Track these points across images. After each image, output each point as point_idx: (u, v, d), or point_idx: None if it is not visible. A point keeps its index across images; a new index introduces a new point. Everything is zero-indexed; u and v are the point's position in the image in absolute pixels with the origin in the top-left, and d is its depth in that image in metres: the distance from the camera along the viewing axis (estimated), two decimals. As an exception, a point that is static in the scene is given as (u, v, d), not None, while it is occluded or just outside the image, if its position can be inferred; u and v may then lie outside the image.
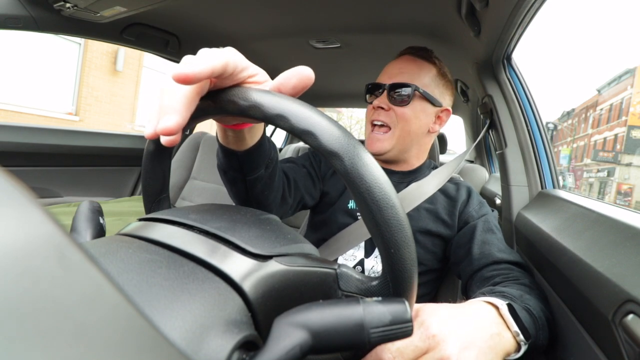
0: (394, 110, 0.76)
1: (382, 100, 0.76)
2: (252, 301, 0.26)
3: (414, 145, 0.80)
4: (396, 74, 0.77)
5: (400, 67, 0.78)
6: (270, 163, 0.55)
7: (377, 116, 0.77)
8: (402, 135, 0.77)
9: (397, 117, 0.76)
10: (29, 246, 0.11)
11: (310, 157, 0.85)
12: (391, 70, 0.79)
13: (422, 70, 0.77)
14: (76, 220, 0.35)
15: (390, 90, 0.76)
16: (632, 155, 22.95)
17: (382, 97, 0.77)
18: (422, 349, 0.35)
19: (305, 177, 0.78)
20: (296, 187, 0.73)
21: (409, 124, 0.76)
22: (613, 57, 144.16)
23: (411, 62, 0.78)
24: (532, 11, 0.69)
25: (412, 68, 0.77)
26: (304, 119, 0.28)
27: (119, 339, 0.12)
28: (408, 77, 0.76)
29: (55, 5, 1.05)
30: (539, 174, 0.82)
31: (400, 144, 0.77)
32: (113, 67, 6.61)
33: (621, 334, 0.34)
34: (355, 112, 19.25)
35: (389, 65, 0.82)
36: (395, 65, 0.79)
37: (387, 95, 0.76)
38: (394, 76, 0.77)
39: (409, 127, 0.76)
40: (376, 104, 0.77)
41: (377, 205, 0.27)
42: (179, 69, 0.26)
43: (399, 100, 0.75)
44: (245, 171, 0.52)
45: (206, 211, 0.33)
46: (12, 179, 0.13)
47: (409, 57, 0.80)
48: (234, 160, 0.50)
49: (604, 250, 0.42)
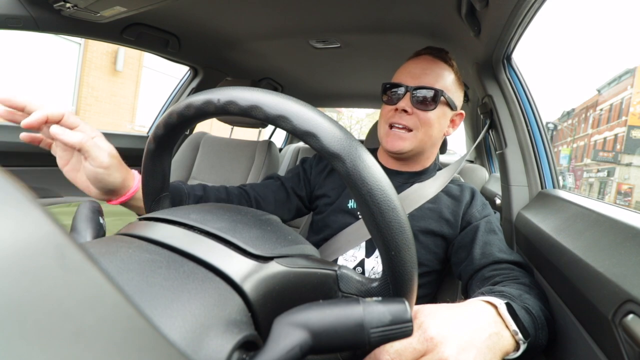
0: (417, 114, 0.73)
1: (406, 103, 0.73)
2: (253, 302, 0.26)
3: (431, 148, 0.79)
4: (419, 74, 0.74)
5: (423, 68, 0.75)
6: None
7: (398, 119, 0.74)
8: (424, 139, 0.75)
9: (420, 122, 0.73)
10: (29, 246, 0.11)
11: (300, 168, 0.87)
12: (413, 70, 0.75)
13: (444, 73, 0.75)
14: (76, 220, 0.35)
15: (414, 93, 0.72)
16: (632, 155, 22.94)
17: (406, 99, 0.73)
18: (420, 350, 0.35)
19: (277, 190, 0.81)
20: (261, 204, 0.77)
21: (432, 128, 0.74)
22: (613, 57, 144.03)
23: (432, 63, 0.75)
24: (532, 11, 0.69)
25: (435, 70, 0.74)
26: (306, 120, 0.28)
27: (119, 339, 0.12)
28: (432, 80, 0.73)
29: (55, 5, 1.05)
30: (539, 174, 0.82)
31: (419, 147, 0.76)
32: (113, 67, 6.61)
33: (621, 334, 0.34)
34: (355, 112, 19.25)
35: (409, 64, 0.78)
36: (417, 66, 0.76)
37: (410, 97, 0.73)
38: (418, 77, 0.73)
39: (431, 132, 0.75)
40: (401, 107, 0.73)
41: (379, 208, 0.27)
42: None
43: (424, 104, 0.72)
44: None
45: (207, 211, 0.33)
46: (12, 179, 0.13)
47: (429, 57, 0.77)
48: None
49: (604, 250, 0.42)
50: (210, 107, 0.32)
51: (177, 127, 0.36)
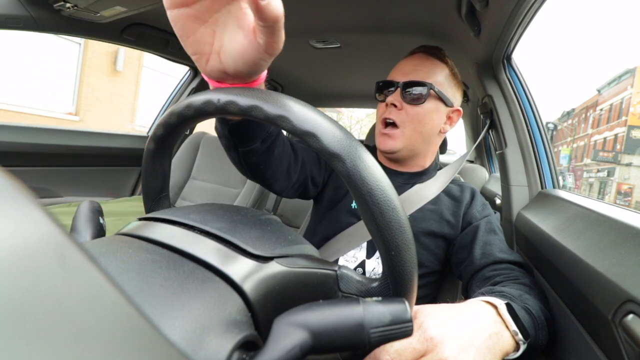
0: (406, 109, 0.73)
1: (396, 97, 0.73)
2: (253, 302, 0.26)
3: (425, 146, 0.79)
4: (410, 71, 0.74)
5: (415, 65, 0.75)
6: (268, 137, 0.54)
7: (388, 114, 0.74)
8: (413, 135, 0.75)
9: (409, 117, 0.73)
10: (29, 246, 0.11)
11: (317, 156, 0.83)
12: (405, 68, 0.76)
13: (437, 69, 0.75)
14: (76, 220, 0.35)
15: (404, 88, 0.73)
16: (632, 155, 22.94)
17: (396, 94, 0.74)
18: (420, 350, 0.35)
19: (314, 161, 0.76)
20: (303, 166, 0.70)
21: (421, 124, 0.74)
22: (613, 57, 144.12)
23: (425, 60, 0.76)
24: (532, 11, 0.69)
25: (427, 66, 0.75)
26: (306, 120, 0.28)
27: (119, 339, 0.12)
28: (423, 75, 0.73)
29: (55, 5, 1.05)
30: (539, 174, 0.82)
31: (411, 144, 0.76)
32: (113, 67, 6.61)
33: (621, 334, 0.34)
34: (355, 112, 19.25)
35: (402, 62, 0.79)
36: (409, 63, 0.76)
37: (401, 93, 0.73)
38: (408, 73, 0.74)
39: (421, 127, 0.74)
40: (389, 101, 0.74)
41: (379, 208, 0.27)
42: None
43: (413, 98, 0.73)
44: (237, 141, 0.51)
45: (207, 211, 0.33)
46: (12, 179, 0.13)
47: (422, 55, 0.77)
48: (225, 129, 0.49)
49: (604, 250, 0.42)
50: (210, 107, 0.32)
51: (177, 127, 0.36)
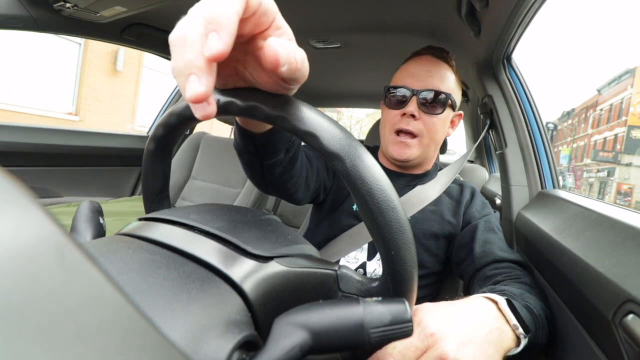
0: (423, 119, 0.71)
1: (414, 107, 0.70)
2: (253, 302, 0.26)
3: (435, 151, 0.79)
4: (424, 77, 0.71)
5: (427, 70, 0.72)
6: (291, 147, 0.53)
7: (405, 125, 0.71)
8: (429, 144, 0.74)
9: (426, 126, 0.71)
10: (29, 246, 0.11)
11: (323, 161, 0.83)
12: (416, 72, 0.73)
13: (448, 74, 0.73)
14: (76, 220, 0.35)
15: (421, 96, 0.70)
16: (632, 155, 22.93)
17: (413, 103, 0.71)
18: (421, 348, 0.35)
19: (324, 167, 0.76)
20: (317, 173, 0.69)
21: (437, 132, 0.73)
22: (613, 57, 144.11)
23: (435, 64, 0.73)
24: (532, 11, 0.69)
25: (439, 71, 0.72)
26: (306, 120, 0.28)
27: (119, 339, 0.12)
28: (437, 82, 0.71)
29: (55, 5, 1.05)
30: (539, 174, 0.82)
31: (425, 152, 0.75)
32: (113, 67, 6.61)
33: (621, 333, 0.34)
34: (355, 112, 19.24)
35: (412, 65, 0.75)
36: (420, 67, 0.73)
37: (417, 101, 0.71)
38: (423, 80, 0.71)
39: (437, 136, 0.74)
40: (409, 112, 0.71)
41: (378, 207, 0.27)
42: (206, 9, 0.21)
43: (431, 108, 0.70)
44: (263, 155, 0.50)
45: (207, 211, 0.33)
46: (12, 179, 0.13)
47: (431, 58, 0.75)
48: (251, 144, 0.47)
49: (604, 250, 0.42)
50: None
51: (177, 127, 0.36)
